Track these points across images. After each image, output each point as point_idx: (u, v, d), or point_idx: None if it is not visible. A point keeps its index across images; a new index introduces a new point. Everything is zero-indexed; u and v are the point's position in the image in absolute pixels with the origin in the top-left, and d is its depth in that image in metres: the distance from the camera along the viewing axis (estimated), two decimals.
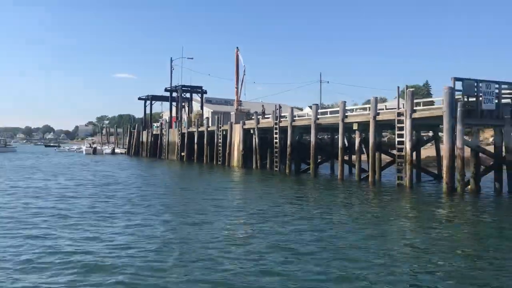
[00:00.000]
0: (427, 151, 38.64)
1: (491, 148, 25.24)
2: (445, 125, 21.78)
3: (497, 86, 22.68)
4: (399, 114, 24.61)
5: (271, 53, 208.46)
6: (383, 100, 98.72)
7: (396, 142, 25.08)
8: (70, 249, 10.67)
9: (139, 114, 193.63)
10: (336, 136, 34.21)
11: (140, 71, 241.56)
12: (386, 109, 28.32)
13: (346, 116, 28.91)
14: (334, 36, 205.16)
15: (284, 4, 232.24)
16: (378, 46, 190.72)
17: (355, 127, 28.22)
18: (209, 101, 72.69)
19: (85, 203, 18.06)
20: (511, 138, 22.52)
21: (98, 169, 39.69)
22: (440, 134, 30.42)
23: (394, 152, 25.57)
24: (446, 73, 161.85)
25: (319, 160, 35.46)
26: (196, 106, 67.17)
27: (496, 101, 22.56)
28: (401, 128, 24.57)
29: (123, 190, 22.98)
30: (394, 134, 30.24)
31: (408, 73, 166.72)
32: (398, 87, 24.80)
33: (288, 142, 34.62)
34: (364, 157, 34.92)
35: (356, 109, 32.15)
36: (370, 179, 26.81)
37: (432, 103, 25.61)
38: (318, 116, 31.76)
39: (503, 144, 22.93)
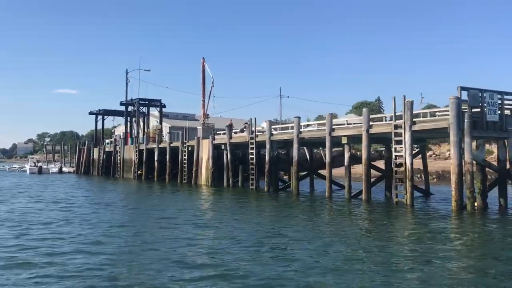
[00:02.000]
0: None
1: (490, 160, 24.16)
2: (452, 138, 20.29)
3: (499, 96, 21.63)
4: (397, 127, 22.98)
5: (228, 67, 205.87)
6: (334, 116, 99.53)
7: (394, 157, 23.39)
8: None
9: (82, 130, 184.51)
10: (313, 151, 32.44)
11: (83, 86, 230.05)
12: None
13: (333, 129, 27.02)
14: (293, 52, 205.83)
15: (241, 17, 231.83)
16: (335, 63, 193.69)
17: (344, 141, 26.36)
18: (166, 115, 69.17)
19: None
20: None
21: (50, 191, 35.34)
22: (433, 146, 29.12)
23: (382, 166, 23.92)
24: (396, 89, 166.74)
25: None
26: (152, 121, 63.53)
27: (499, 112, 21.49)
28: (399, 142, 22.94)
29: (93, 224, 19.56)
30: (381, 147, 28.76)
31: (361, 89, 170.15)
32: (394, 97, 23.16)
33: (267, 158, 32.26)
34: (336, 171, 33.45)
35: (346, 123, 30.35)
36: (364, 197, 24.89)
37: (425, 114, 24.18)
38: (301, 130, 29.69)
39: (507, 157, 21.82)
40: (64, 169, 70.35)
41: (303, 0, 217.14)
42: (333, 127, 27.13)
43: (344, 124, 28.08)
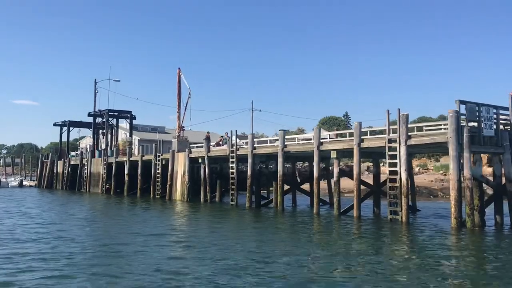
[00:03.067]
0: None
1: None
2: (452, 153, 19.60)
3: (495, 110, 21.23)
4: (390, 141, 22.18)
5: (197, 78, 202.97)
6: (301, 131, 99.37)
7: (388, 172, 22.53)
8: None
9: (41, 143, 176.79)
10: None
11: (43, 97, 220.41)
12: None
13: (322, 143, 26.01)
14: (264, 66, 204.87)
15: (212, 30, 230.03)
16: (305, 77, 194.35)
17: (333, 155, 25.38)
18: (135, 128, 66.50)
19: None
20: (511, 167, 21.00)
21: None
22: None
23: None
24: (364, 106, 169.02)
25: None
26: (120, 133, 61.05)
27: (495, 127, 21.07)
28: (393, 157, 22.12)
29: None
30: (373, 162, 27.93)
31: (328, 104, 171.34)
32: (388, 111, 22.37)
33: (249, 173, 30.88)
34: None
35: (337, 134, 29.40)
36: (355, 213, 23.85)
37: (421, 128, 23.49)
38: (286, 143, 28.54)
39: (503, 173, 21.36)
40: (25, 182, 66.41)
41: (274, 12, 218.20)
42: (321, 140, 26.12)
43: (332, 138, 27.08)
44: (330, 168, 36.54)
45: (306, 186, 34.49)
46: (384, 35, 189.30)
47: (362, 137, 23.83)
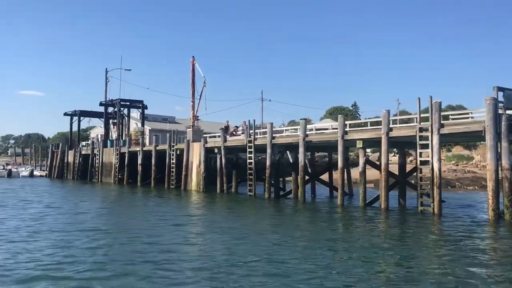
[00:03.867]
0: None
1: None
2: (489, 142, 18.75)
3: None
4: (422, 130, 21.32)
5: (209, 69, 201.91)
6: (308, 121, 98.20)
7: (418, 162, 21.72)
8: None
9: (48, 133, 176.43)
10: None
11: (50, 88, 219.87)
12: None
13: (346, 133, 25.17)
14: (275, 56, 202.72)
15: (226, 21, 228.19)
16: (312, 67, 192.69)
17: (359, 144, 24.53)
18: (145, 118, 65.95)
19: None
20: None
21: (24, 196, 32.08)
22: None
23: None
24: (372, 96, 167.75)
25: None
26: (131, 123, 60.39)
27: None
28: (425, 146, 21.28)
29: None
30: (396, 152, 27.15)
31: (335, 94, 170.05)
32: (419, 98, 21.51)
33: (268, 162, 30.12)
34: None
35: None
36: (383, 205, 23.08)
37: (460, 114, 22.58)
38: (307, 133, 27.74)
39: None
40: (35, 172, 66.03)
41: (282, 4, 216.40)
42: (346, 129, 25.28)
43: (361, 126, 26.19)
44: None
45: (324, 177, 33.70)
46: (395, 27, 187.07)
47: (390, 126, 22.98)
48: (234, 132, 40.16)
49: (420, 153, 21.47)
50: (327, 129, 34.20)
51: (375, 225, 18.81)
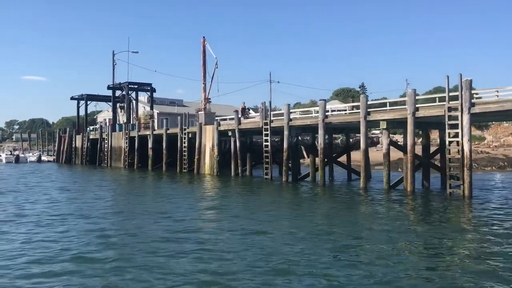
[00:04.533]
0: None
1: None
2: None
3: None
4: (451, 109, 20.52)
5: (220, 51, 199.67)
6: (314, 103, 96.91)
7: (447, 143, 20.98)
8: None
9: (52, 118, 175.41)
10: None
11: (52, 73, 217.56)
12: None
13: (369, 113, 24.39)
14: (282, 37, 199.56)
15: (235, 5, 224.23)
16: (320, 49, 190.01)
17: (382, 125, 23.77)
18: (153, 101, 65.15)
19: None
20: None
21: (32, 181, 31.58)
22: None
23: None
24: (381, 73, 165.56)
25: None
26: (139, 107, 59.61)
27: None
28: (454, 126, 20.51)
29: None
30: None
31: (342, 75, 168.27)
32: (448, 77, 20.61)
33: (285, 145, 29.44)
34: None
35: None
36: (408, 187, 22.41)
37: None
38: (327, 114, 26.99)
39: None
40: (43, 157, 65.61)
41: None
42: (369, 110, 24.50)
43: (385, 107, 25.38)
44: (351, 140, 35.23)
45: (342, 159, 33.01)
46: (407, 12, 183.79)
47: (416, 106, 22.17)
48: (246, 115, 39.46)
49: (449, 133, 20.70)
50: (344, 110, 33.50)
51: (409, 209, 18.15)
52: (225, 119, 38.32)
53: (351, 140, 36.90)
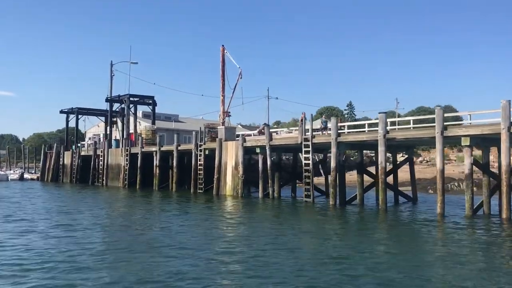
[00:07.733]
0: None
1: None
2: None
3: None
4: None
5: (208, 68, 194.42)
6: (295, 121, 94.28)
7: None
8: None
9: (23, 134, 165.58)
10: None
11: (20, 89, 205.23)
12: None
13: (446, 128, 21.22)
14: (280, 54, 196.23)
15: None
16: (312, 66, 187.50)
17: (465, 142, 20.47)
18: (147, 116, 60.79)
19: None
20: None
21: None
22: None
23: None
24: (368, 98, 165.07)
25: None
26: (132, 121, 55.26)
27: None
28: None
29: None
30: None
31: (330, 92, 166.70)
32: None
33: (332, 164, 25.98)
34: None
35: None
36: (504, 214, 19.20)
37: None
38: (388, 128, 23.79)
39: None
40: (26, 175, 59.89)
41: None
42: (445, 124, 21.35)
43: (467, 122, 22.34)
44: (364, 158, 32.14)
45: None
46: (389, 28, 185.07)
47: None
48: (262, 131, 35.97)
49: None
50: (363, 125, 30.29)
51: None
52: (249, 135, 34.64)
53: (364, 158, 33.80)
